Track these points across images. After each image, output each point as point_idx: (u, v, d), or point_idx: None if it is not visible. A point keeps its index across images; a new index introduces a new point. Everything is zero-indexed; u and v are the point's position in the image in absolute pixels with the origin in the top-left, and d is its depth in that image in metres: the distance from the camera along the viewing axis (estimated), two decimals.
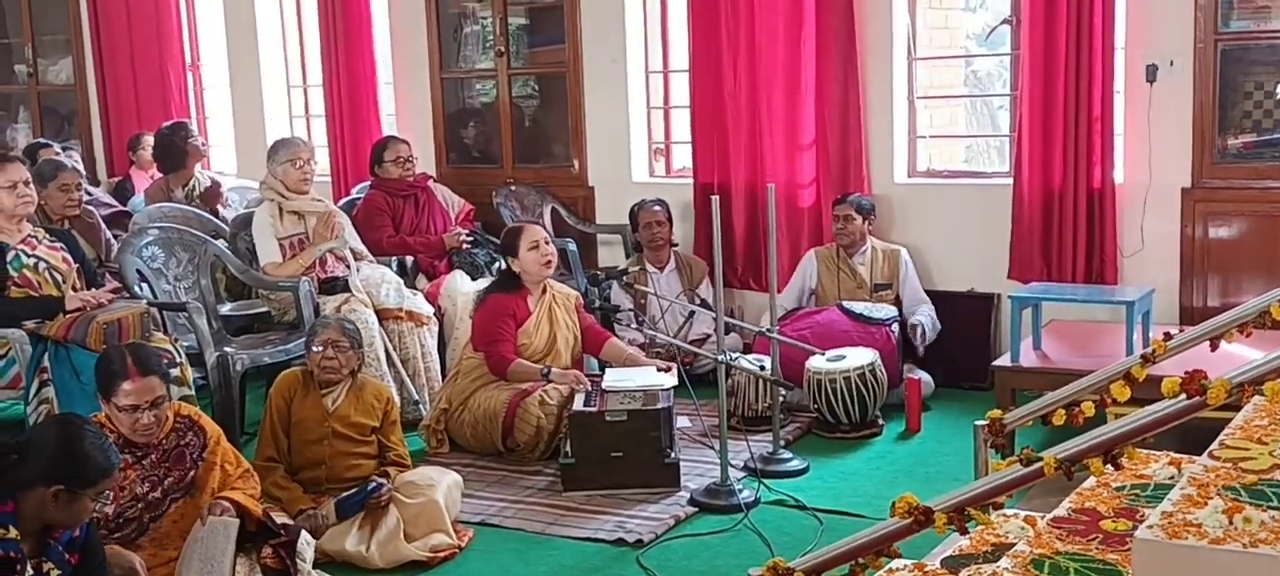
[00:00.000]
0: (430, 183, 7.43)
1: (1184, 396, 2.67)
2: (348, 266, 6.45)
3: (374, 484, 4.79)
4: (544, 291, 6.04)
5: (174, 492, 4.19)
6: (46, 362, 5.24)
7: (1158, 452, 3.74)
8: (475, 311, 6.11)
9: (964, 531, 2.84)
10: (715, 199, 5.34)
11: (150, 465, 4.17)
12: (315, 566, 4.43)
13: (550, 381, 5.75)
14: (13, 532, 3.35)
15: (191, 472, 4.24)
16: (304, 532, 4.40)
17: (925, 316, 6.57)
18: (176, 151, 7.75)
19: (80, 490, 3.42)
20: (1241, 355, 3.57)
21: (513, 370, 5.82)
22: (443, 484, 4.91)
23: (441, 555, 4.71)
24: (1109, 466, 2.71)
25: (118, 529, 4.08)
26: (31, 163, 6.39)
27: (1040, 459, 2.75)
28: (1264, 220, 6.21)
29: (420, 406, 6.23)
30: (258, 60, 9.01)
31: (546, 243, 6.01)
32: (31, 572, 3.41)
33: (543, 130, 8.30)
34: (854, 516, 4.96)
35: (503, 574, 4.66)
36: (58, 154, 7.59)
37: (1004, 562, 3.05)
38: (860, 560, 2.87)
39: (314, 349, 5.01)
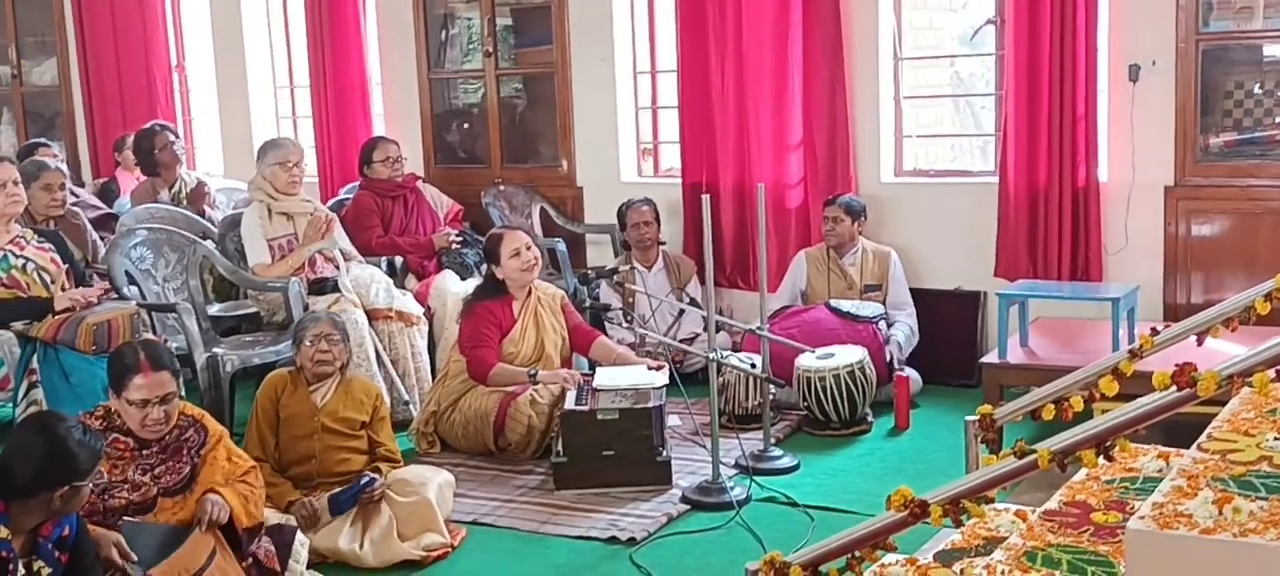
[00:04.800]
0: (419, 183, 7.44)
1: (1175, 388, 2.71)
2: (337, 267, 6.46)
3: (367, 478, 4.82)
4: (529, 294, 6.04)
5: (169, 491, 4.18)
6: (35, 364, 5.23)
7: (1146, 446, 3.78)
8: (461, 317, 6.11)
9: (959, 523, 2.87)
10: (706, 198, 5.36)
11: (146, 455, 4.17)
12: (308, 567, 4.44)
13: (537, 382, 5.76)
14: (4, 532, 3.38)
15: (188, 469, 4.24)
16: (298, 534, 4.41)
17: (902, 330, 6.59)
18: (148, 158, 7.74)
19: (81, 483, 3.50)
20: (1225, 350, 3.60)
21: (494, 374, 5.82)
22: (434, 482, 4.92)
23: (434, 554, 4.73)
24: (1102, 458, 2.75)
25: (103, 511, 4.05)
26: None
27: (1034, 451, 2.79)
28: (1245, 217, 6.27)
29: (411, 406, 6.25)
30: (244, 61, 9.00)
31: (528, 248, 5.99)
32: (23, 571, 3.43)
33: (531, 130, 8.32)
34: (845, 513, 4.99)
35: (496, 573, 4.68)
36: (55, 154, 7.56)
37: (998, 554, 3.09)
38: (856, 553, 2.90)
39: (305, 343, 5.02)
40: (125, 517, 4.04)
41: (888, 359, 6.37)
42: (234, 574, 4.10)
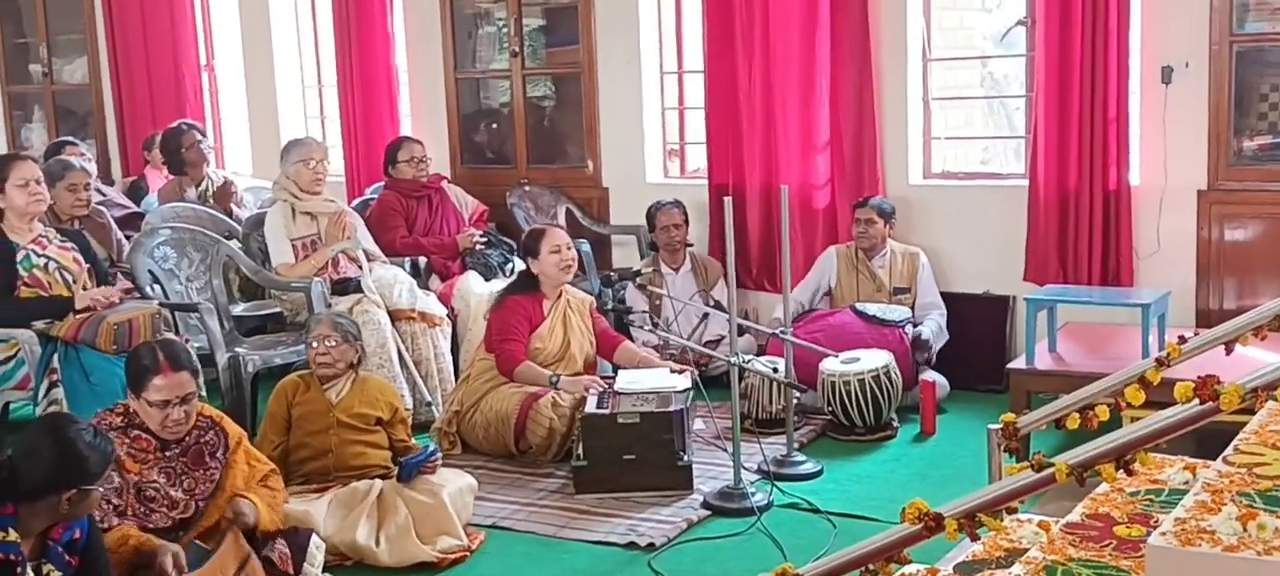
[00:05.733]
0: (444, 183, 7.42)
1: (1197, 401, 2.64)
2: (360, 267, 6.44)
3: (433, 448, 4.97)
4: (560, 296, 6.02)
5: (205, 498, 4.18)
6: (56, 363, 5.23)
7: (1173, 457, 3.70)
8: (491, 311, 6.10)
9: (975, 537, 2.81)
10: (728, 200, 5.31)
11: (169, 456, 4.17)
12: (325, 570, 4.42)
13: (558, 388, 5.73)
14: (12, 535, 3.35)
15: (218, 474, 4.23)
16: (314, 536, 4.38)
17: (931, 326, 6.51)
18: (175, 156, 7.75)
19: (90, 487, 3.47)
20: (1256, 359, 3.53)
21: (520, 370, 5.80)
22: (453, 486, 4.89)
23: (451, 557, 4.69)
24: (1121, 472, 2.68)
25: (147, 518, 4.05)
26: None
27: (1052, 465, 2.72)
28: None
29: (433, 408, 6.23)
30: (272, 60, 9.01)
31: (568, 247, 5.99)
32: (31, 575, 3.41)
33: (557, 131, 8.29)
34: (868, 520, 4.93)
35: None
36: (82, 153, 7.58)
37: (1017, 569, 3.02)
38: (870, 566, 2.84)
39: (311, 344, 5.06)
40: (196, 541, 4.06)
41: (917, 348, 6.30)
42: None
